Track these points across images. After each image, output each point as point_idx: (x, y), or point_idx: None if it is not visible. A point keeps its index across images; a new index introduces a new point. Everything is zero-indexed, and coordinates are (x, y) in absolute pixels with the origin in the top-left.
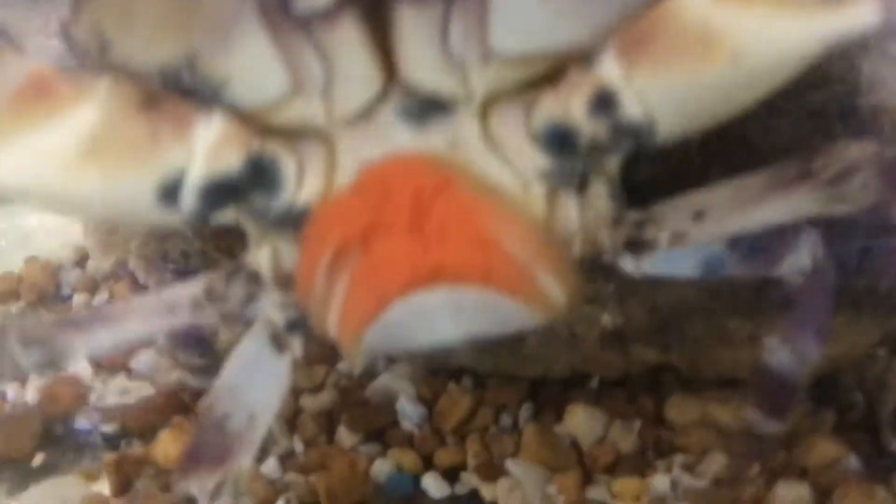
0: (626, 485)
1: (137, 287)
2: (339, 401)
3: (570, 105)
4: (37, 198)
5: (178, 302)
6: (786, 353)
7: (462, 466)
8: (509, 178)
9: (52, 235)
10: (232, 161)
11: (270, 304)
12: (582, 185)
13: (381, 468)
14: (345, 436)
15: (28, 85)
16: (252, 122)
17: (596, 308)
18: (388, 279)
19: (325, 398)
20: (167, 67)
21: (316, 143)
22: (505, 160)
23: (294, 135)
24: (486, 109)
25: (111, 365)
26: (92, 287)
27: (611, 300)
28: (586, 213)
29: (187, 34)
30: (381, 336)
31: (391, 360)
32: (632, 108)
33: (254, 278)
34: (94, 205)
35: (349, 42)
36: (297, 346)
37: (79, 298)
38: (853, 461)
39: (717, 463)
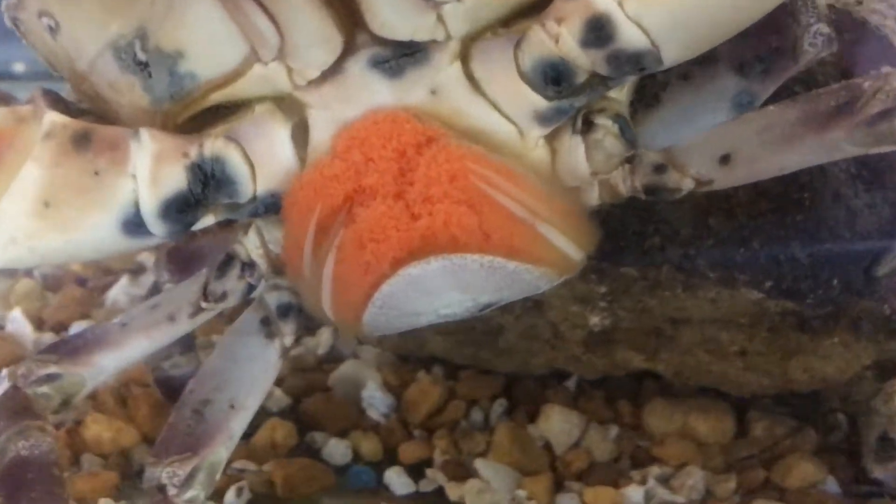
0: (598, 494)
1: None
2: (302, 387)
3: (561, 38)
4: (6, 267)
5: (177, 309)
6: None
7: (428, 462)
8: (502, 125)
9: None
10: (175, 176)
11: (264, 285)
12: (587, 125)
13: (337, 451)
14: None
15: None
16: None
17: (584, 308)
18: (377, 254)
19: (287, 383)
20: (119, 43)
21: (281, 113)
22: (495, 105)
23: (243, 117)
24: (467, 50)
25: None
26: None
27: (601, 301)
28: (595, 156)
29: (134, 7)
30: (380, 315)
31: (359, 343)
32: (630, 34)
33: (249, 268)
34: (66, 256)
35: (296, 2)
36: (288, 333)
37: None
38: (831, 484)
39: (693, 477)
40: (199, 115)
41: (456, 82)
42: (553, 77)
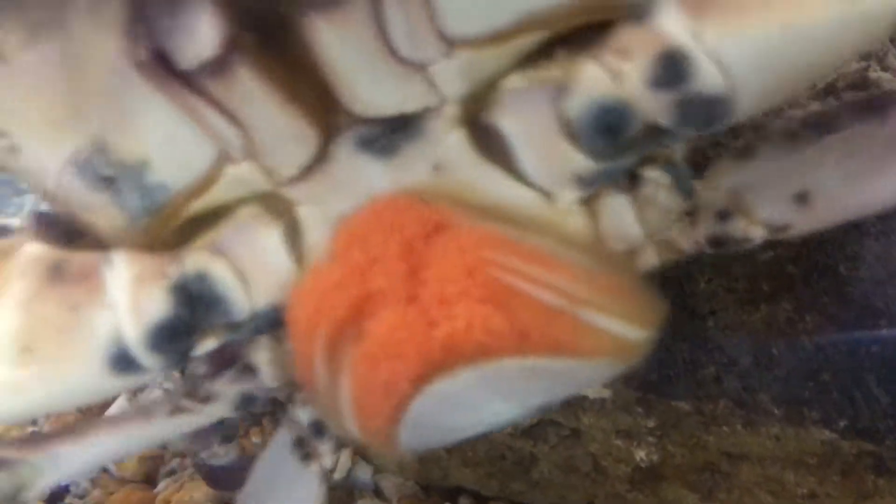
0: None
1: None
2: None
3: (624, 75)
4: None
5: (155, 405)
6: None
7: None
8: (523, 193)
9: None
10: (157, 302)
11: (293, 403)
12: (633, 180)
13: None
14: None
15: None
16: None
17: (629, 443)
18: (395, 373)
19: None
20: (78, 158)
21: (268, 214)
22: (515, 172)
23: (227, 223)
24: (472, 112)
25: None
26: None
27: (649, 436)
28: (648, 215)
29: (83, 120)
30: (416, 436)
31: (377, 471)
32: (708, 73)
33: (248, 372)
34: (59, 405)
35: (253, 97)
36: (326, 453)
37: None
38: None
39: None
40: (186, 225)
41: (461, 152)
42: (610, 124)
